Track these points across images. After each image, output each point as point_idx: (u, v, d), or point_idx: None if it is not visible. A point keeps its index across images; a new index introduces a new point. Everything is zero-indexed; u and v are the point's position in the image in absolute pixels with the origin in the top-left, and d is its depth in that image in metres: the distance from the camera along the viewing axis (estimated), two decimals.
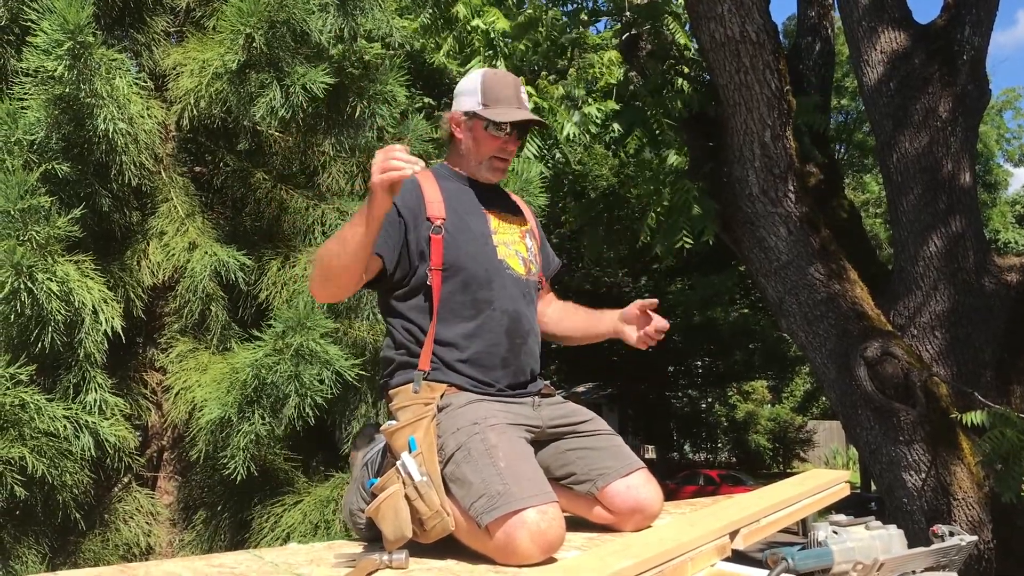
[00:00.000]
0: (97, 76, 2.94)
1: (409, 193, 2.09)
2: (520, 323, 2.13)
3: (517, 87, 2.19)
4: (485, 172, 2.21)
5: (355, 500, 2.01)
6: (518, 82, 2.22)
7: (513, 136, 2.18)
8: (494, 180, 2.23)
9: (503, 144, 2.17)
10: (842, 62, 17.07)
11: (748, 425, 30.72)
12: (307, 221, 3.76)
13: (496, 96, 2.15)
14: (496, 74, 2.25)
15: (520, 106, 2.17)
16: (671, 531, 1.76)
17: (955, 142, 5.56)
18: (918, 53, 5.70)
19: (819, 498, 2.35)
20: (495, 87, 2.17)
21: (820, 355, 5.37)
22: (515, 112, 2.15)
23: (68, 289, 2.79)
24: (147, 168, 3.34)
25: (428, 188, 2.12)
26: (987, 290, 5.43)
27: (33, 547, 2.97)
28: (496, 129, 2.15)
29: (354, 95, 3.63)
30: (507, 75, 2.25)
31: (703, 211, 5.59)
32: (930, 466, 4.85)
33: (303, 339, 2.99)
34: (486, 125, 2.15)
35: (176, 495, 3.55)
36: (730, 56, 5.11)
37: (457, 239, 2.08)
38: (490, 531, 1.73)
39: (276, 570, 1.67)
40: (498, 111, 2.14)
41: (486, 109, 2.15)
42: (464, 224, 2.12)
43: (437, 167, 2.27)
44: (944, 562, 1.48)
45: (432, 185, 2.14)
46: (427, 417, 1.91)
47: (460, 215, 2.12)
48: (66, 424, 2.82)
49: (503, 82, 2.19)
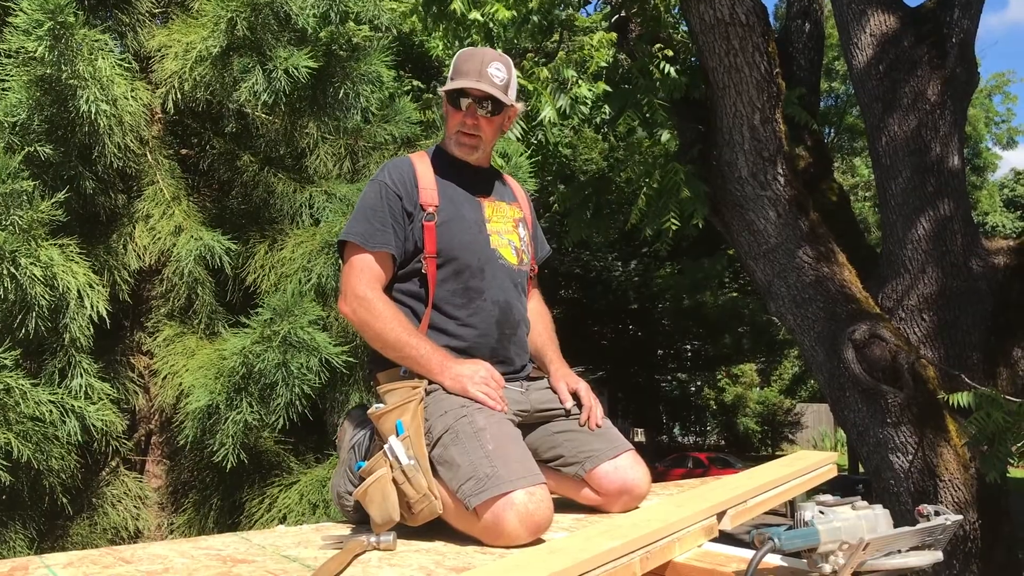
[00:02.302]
0: (79, 57, 2.91)
1: (404, 179, 2.07)
2: (511, 314, 2.13)
3: (485, 61, 2.12)
4: (454, 147, 2.17)
5: (343, 483, 2.01)
6: (491, 56, 2.14)
7: (472, 110, 2.11)
8: (462, 157, 2.18)
9: (462, 118, 2.12)
10: (832, 45, 17.06)
11: (737, 408, 30.89)
12: (294, 204, 3.74)
13: (460, 69, 2.12)
14: (470, 50, 2.20)
15: (480, 79, 2.10)
16: (658, 512, 1.77)
17: (944, 125, 5.56)
18: (907, 36, 5.69)
19: (806, 479, 2.36)
20: (463, 61, 2.14)
21: (808, 338, 5.39)
22: (467, 83, 2.09)
23: (52, 274, 2.76)
24: (132, 150, 3.31)
25: (422, 174, 2.11)
26: (975, 273, 5.45)
27: (20, 532, 2.96)
28: (452, 100, 2.12)
29: (339, 76, 3.60)
30: (481, 50, 2.20)
31: (692, 194, 5.57)
32: (917, 448, 4.88)
33: (291, 326, 2.98)
34: (448, 99, 2.14)
35: (165, 479, 3.54)
36: (720, 38, 5.09)
37: (450, 227, 2.07)
38: (478, 513, 1.73)
39: (263, 552, 1.66)
40: (454, 82, 2.11)
41: (448, 83, 2.13)
42: (457, 212, 2.10)
43: (433, 150, 2.24)
44: (929, 542, 1.48)
45: (427, 170, 2.12)
46: (415, 400, 1.90)
47: (454, 202, 2.11)
48: (52, 409, 2.81)
49: (472, 56, 2.15)
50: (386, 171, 2.11)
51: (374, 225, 2.03)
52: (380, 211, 2.04)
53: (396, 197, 2.05)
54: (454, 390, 1.91)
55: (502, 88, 2.12)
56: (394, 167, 2.12)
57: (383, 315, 1.97)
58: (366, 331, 2.00)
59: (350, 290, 2.02)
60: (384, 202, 2.05)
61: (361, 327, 2.02)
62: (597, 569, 1.39)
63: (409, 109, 4.12)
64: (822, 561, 1.40)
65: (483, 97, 2.12)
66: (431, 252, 2.04)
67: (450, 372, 1.93)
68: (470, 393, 1.89)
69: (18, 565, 1.51)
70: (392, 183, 2.06)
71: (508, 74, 2.15)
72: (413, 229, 2.05)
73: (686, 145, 5.98)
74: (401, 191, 2.06)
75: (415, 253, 2.06)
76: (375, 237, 2.02)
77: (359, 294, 2.00)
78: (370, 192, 2.08)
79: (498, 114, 2.16)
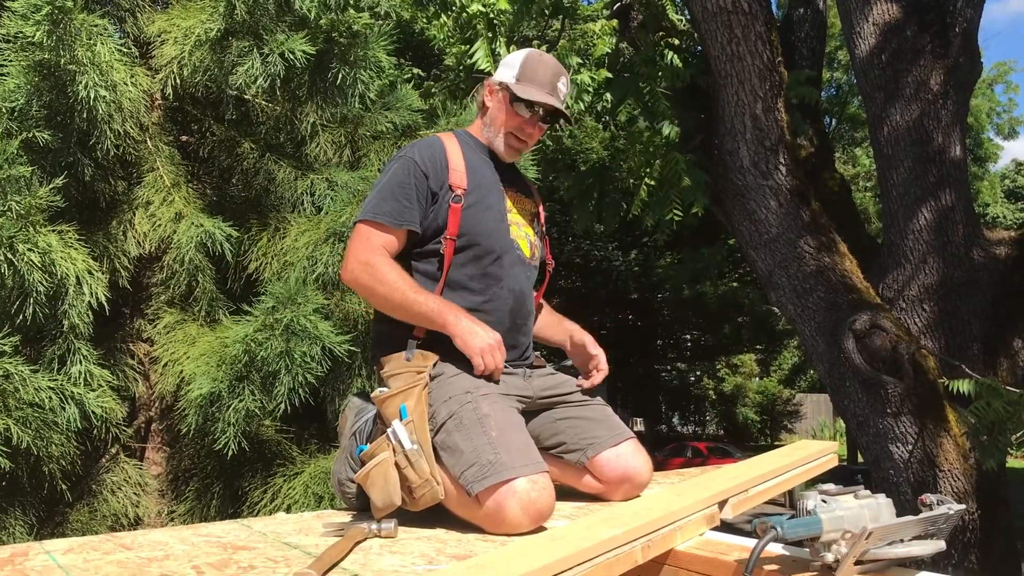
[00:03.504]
0: (78, 42, 2.89)
1: (436, 158, 2.06)
2: (524, 304, 2.13)
3: (556, 75, 2.15)
4: (501, 147, 2.17)
5: (343, 469, 2.00)
6: (560, 71, 2.18)
7: (535, 119, 2.15)
8: (507, 158, 2.20)
9: (523, 123, 2.14)
10: (834, 34, 16.99)
11: (736, 398, 30.94)
12: (295, 192, 3.73)
13: (531, 75, 2.13)
14: (541, 57, 2.20)
15: (552, 92, 2.14)
16: (660, 501, 1.76)
17: (946, 115, 5.54)
18: (910, 25, 5.66)
19: (807, 468, 2.36)
20: (534, 67, 2.14)
21: (809, 328, 5.38)
22: (543, 95, 2.12)
23: (50, 260, 2.75)
24: (132, 137, 3.29)
25: (453, 155, 2.10)
26: (976, 263, 5.44)
27: (20, 518, 2.96)
28: (520, 106, 2.12)
29: (337, 62, 3.58)
30: (551, 61, 2.20)
31: (693, 183, 5.56)
32: (917, 438, 4.88)
33: (294, 315, 2.97)
34: (512, 99, 2.13)
35: (165, 466, 3.54)
36: (722, 27, 5.06)
37: (476, 211, 2.06)
38: (480, 500, 1.73)
39: (264, 539, 1.66)
40: (527, 88, 2.11)
41: (517, 84, 2.12)
42: (484, 198, 2.09)
43: (461, 133, 2.24)
44: (932, 531, 1.48)
45: (457, 152, 2.11)
46: (419, 385, 1.90)
47: (481, 188, 2.10)
48: (51, 395, 2.80)
49: (543, 64, 2.16)
50: (415, 149, 2.09)
51: (401, 203, 2.01)
52: (407, 188, 2.02)
53: (423, 176, 2.03)
54: (463, 341, 1.90)
55: (563, 103, 2.18)
56: (425, 146, 2.10)
57: (387, 277, 1.95)
58: (372, 296, 1.99)
59: (352, 256, 2.00)
60: (412, 178, 2.03)
61: (366, 292, 2.00)
62: (599, 557, 1.39)
63: (411, 97, 4.09)
64: (825, 550, 1.40)
65: (551, 112, 2.15)
66: (452, 234, 2.03)
67: (463, 324, 1.91)
68: (472, 348, 1.88)
69: (18, 551, 1.50)
70: (422, 161, 2.04)
71: (568, 89, 2.21)
72: (438, 209, 2.04)
73: (687, 134, 5.97)
74: (429, 170, 2.04)
75: (435, 233, 2.04)
76: (403, 215, 2.00)
77: (362, 259, 1.98)
78: (398, 169, 2.05)
79: (551, 125, 2.23)
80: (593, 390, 2.24)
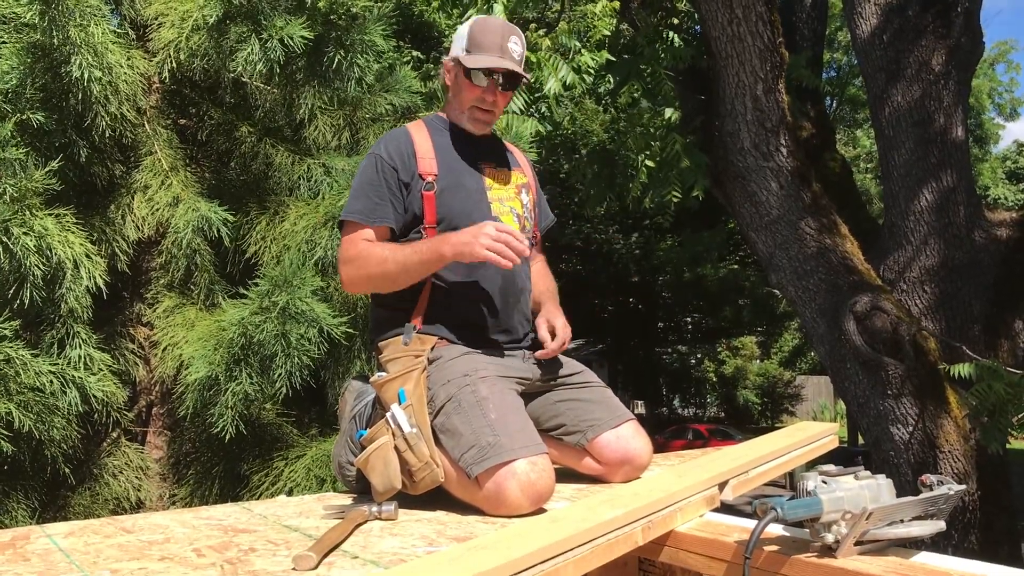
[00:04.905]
0: (71, 22, 2.86)
1: (401, 149, 2.05)
2: (514, 281, 2.11)
3: (504, 35, 2.09)
4: (467, 122, 2.15)
5: (344, 452, 2.00)
6: (509, 30, 2.11)
7: (492, 86, 2.09)
8: (476, 132, 2.16)
9: (482, 94, 2.10)
10: (835, 15, 16.89)
11: (737, 380, 30.98)
12: (293, 176, 3.71)
13: (479, 42, 2.07)
14: (486, 21, 2.15)
15: (503, 55, 2.07)
16: (660, 482, 1.76)
17: (948, 96, 5.51)
18: (912, 5, 5.61)
19: (808, 450, 2.36)
20: (480, 33, 2.09)
21: (810, 309, 5.38)
22: (493, 60, 2.06)
23: (47, 244, 2.74)
24: (129, 120, 3.27)
25: (420, 142, 2.08)
26: (977, 245, 5.43)
27: (22, 502, 2.97)
28: (475, 77, 2.08)
29: (334, 46, 3.55)
30: (497, 22, 2.16)
31: (694, 165, 5.53)
32: (917, 419, 4.88)
33: (290, 297, 2.96)
34: (466, 72, 2.09)
35: (166, 450, 3.54)
36: (722, 7, 5.02)
37: (450, 195, 2.04)
38: (480, 482, 1.73)
39: (265, 522, 1.66)
40: (476, 58, 2.07)
41: (467, 56, 2.08)
42: (457, 180, 2.07)
43: (431, 118, 2.21)
44: (932, 511, 1.48)
45: (425, 139, 2.09)
46: (417, 369, 1.90)
47: (453, 170, 2.08)
48: (52, 379, 2.80)
49: (490, 28, 2.10)
50: (382, 144, 2.09)
51: (372, 200, 2.01)
52: (377, 185, 2.02)
53: (392, 169, 2.03)
54: (463, 257, 1.87)
55: (519, 62, 2.12)
56: (391, 139, 2.10)
57: (373, 258, 1.96)
58: (372, 281, 2.01)
59: (341, 263, 2.03)
60: (380, 175, 2.03)
61: (367, 283, 2.02)
62: (599, 539, 1.39)
63: (410, 78, 4.07)
64: (825, 531, 1.40)
65: (505, 73, 2.09)
66: (431, 222, 2.02)
67: (450, 242, 1.89)
68: (480, 256, 1.85)
69: (20, 534, 1.51)
70: (388, 155, 2.04)
71: (523, 47, 2.15)
72: (411, 199, 2.03)
73: (688, 116, 5.93)
74: (397, 163, 2.03)
75: (414, 223, 2.04)
76: (375, 212, 2.00)
77: (349, 258, 2.00)
78: (367, 166, 2.06)
79: (513, 88, 2.16)
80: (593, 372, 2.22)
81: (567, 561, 1.30)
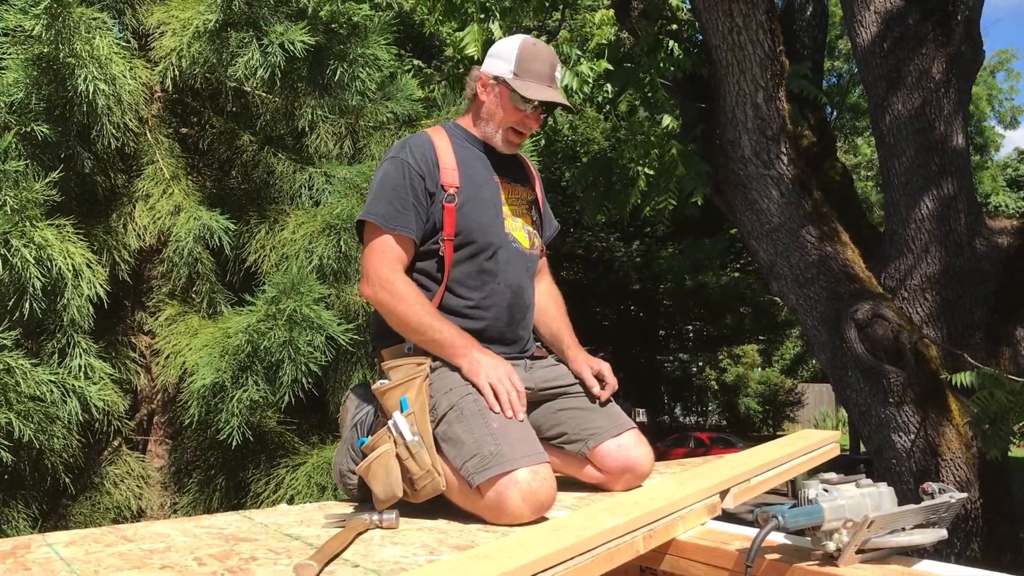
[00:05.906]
0: (76, 35, 2.87)
1: (427, 157, 2.05)
2: (522, 297, 2.13)
3: (552, 65, 2.13)
4: (500, 141, 2.16)
5: (345, 461, 2.00)
6: (554, 60, 2.16)
7: (536, 113, 2.14)
8: (506, 151, 2.18)
9: (524, 118, 2.13)
10: (835, 23, 16.93)
11: (738, 388, 30.96)
12: (294, 185, 3.72)
13: (529, 68, 2.09)
14: (535, 46, 2.16)
15: (551, 84, 2.12)
16: (661, 490, 1.76)
17: (948, 104, 5.52)
18: (912, 13, 5.63)
19: (809, 458, 2.36)
20: (530, 59, 2.11)
21: (811, 317, 5.38)
22: (545, 90, 2.09)
23: (47, 255, 2.74)
24: (131, 129, 3.28)
25: (443, 153, 2.08)
26: (978, 253, 5.43)
27: (23, 511, 2.97)
28: (522, 102, 2.10)
29: (335, 57, 3.56)
30: (545, 50, 2.17)
31: (693, 173, 5.54)
32: (919, 427, 4.88)
33: (296, 304, 2.97)
34: (512, 96, 2.10)
35: (167, 459, 3.54)
36: (723, 15, 5.04)
37: (469, 209, 2.05)
38: (481, 491, 1.73)
39: (266, 531, 1.66)
40: (528, 85, 2.08)
41: (516, 80, 2.09)
42: (477, 193, 2.08)
43: (450, 126, 2.21)
44: (934, 519, 1.48)
45: (447, 149, 2.10)
46: (420, 377, 1.90)
47: (474, 184, 2.09)
48: (53, 389, 2.80)
49: (539, 56, 2.12)
50: (407, 148, 2.06)
51: (395, 206, 1.99)
52: (403, 191, 2.01)
53: (419, 177, 2.02)
54: (468, 374, 1.89)
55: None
56: (416, 144, 2.08)
57: (406, 298, 1.95)
58: (389, 314, 1.98)
59: (372, 272, 1.99)
60: (407, 181, 2.01)
61: (384, 310, 1.99)
62: (600, 547, 1.39)
63: (411, 86, 4.07)
64: (826, 539, 1.40)
65: (551, 105, 2.15)
66: (449, 234, 2.02)
67: (471, 356, 1.91)
68: (479, 381, 1.87)
69: (20, 544, 1.51)
70: (415, 162, 2.03)
71: (561, 74, 2.23)
72: (434, 209, 2.03)
73: (688, 124, 5.95)
74: (424, 171, 2.03)
75: (433, 233, 2.04)
76: (396, 219, 1.99)
77: (382, 276, 1.97)
78: (392, 170, 2.04)
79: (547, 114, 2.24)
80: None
81: (568, 570, 1.30)
